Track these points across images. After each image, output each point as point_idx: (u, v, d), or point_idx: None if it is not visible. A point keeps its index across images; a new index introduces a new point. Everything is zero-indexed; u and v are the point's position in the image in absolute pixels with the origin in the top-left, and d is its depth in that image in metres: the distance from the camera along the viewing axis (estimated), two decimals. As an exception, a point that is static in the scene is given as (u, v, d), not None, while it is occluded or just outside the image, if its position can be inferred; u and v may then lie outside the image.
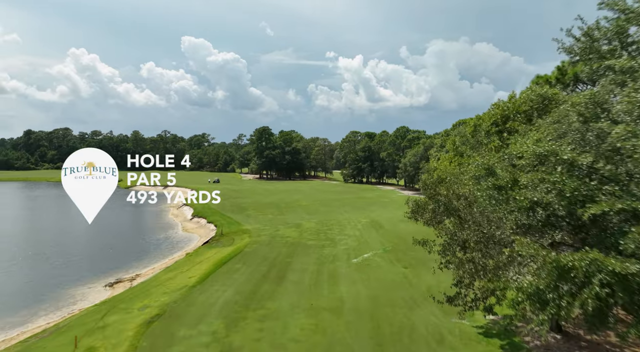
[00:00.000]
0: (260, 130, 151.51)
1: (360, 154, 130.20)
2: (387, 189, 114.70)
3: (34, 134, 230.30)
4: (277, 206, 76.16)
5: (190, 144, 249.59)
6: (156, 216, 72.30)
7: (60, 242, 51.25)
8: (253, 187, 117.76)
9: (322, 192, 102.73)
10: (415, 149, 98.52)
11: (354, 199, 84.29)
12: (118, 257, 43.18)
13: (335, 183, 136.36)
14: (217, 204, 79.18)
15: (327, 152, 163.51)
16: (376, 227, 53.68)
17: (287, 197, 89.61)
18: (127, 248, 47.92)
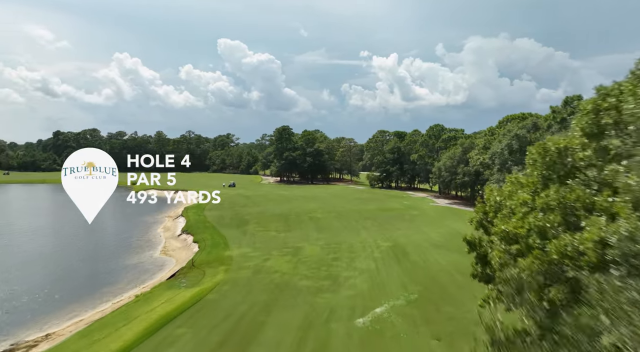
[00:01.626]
0: (280, 130, 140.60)
1: (388, 155, 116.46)
2: (419, 196, 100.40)
3: (62, 135, 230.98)
4: (285, 219, 64.41)
5: (214, 145, 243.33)
6: (145, 229, 62.40)
7: (22, 264, 41.55)
8: (268, 192, 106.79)
9: (343, 199, 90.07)
10: (451, 151, 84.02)
11: (376, 212, 71.09)
12: (55, 299, 32.64)
13: (360, 188, 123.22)
14: (217, 215, 68.73)
15: (353, 154, 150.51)
16: (399, 256, 40.61)
17: (300, 207, 77.70)
18: (82, 279, 37.67)
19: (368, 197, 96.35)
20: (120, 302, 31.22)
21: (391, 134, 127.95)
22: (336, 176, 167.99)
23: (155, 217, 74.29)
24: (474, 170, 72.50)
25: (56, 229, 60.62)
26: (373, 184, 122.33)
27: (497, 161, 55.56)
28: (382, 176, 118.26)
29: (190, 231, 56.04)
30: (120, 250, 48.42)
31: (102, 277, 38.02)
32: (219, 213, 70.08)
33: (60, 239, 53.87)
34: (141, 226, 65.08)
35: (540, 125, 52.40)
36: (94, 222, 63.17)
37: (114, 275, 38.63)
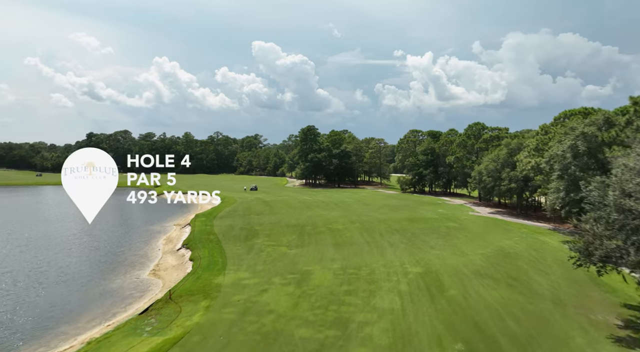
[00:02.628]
0: (305, 130, 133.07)
1: (421, 157, 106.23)
2: (455, 203, 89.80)
3: (95, 137, 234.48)
4: (300, 231, 56.57)
5: (242, 146, 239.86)
6: (147, 240, 56.39)
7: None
8: (289, 197, 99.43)
9: (369, 207, 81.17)
10: (495, 152, 73.24)
11: (406, 223, 61.81)
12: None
13: (390, 193, 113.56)
14: (226, 225, 61.90)
15: (383, 155, 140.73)
16: (433, 289, 31.68)
17: (320, 215, 69.65)
18: (42, 311, 31.29)
19: (398, 203, 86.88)
20: (69, 349, 24.33)
21: (424, 133, 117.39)
22: (365, 179, 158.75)
23: (163, 224, 68.58)
24: (523, 175, 61.79)
25: (51, 239, 55.63)
26: (404, 188, 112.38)
27: (557, 166, 45.16)
28: (414, 179, 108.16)
29: (190, 245, 49.26)
30: (107, 268, 42.17)
31: (67, 309, 31.50)
32: (229, 222, 63.27)
33: (49, 252, 48.49)
34: (144, 236, 59.22)
35: (616, 121, 41.57)
36: (95, 232, 57.89)
37: (83, 305, 32.06)
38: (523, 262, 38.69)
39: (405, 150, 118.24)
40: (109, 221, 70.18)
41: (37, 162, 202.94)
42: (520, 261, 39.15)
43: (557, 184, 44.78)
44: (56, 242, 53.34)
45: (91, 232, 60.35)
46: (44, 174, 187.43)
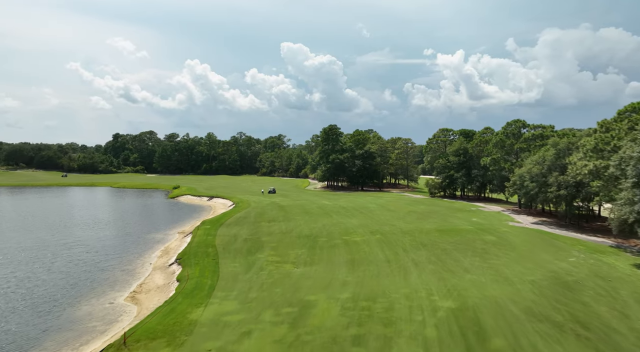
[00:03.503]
0: (327, 130, 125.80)
1: (452, 158, 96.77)
2: (492, 209, 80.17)
3: (120, 137, 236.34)
4: (312, 243, 49.46)
5: (265, 147, 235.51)
6: (142, 251, 50.81)
7: None
8: (307, 202, 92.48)
9: (393, 213, 72.99)
10: (539, 154, 63.50)
11: (435, 234, 53.40)
12: None
13: (418, 197, 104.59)
14: (231, 235, 55.41)
15: (410, 156, 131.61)
16: (470, 335, 23.69)
17: (338, 224, 62.31)
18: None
19: (426, 210, 78.20)
20: None
21: (456, 132, 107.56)
22: (391, 181, 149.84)
23: (166, 232, 63.09)
24: (576, 180, 52.14)
25: (40, 249, 50.91)
26: (433, 192, 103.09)
27: (631, 172, 35.71)
28: (445, 183, 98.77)
29: (184, 259, 43.04)
30: (84, 288, 36.46)
31: (5, 350, 25.59)
32: (235, 231, 56.95)
33: (29, 267, 43.54)
34: (141, 246, 53.69)
35: None
36: (91, 241, 53.05)
37: (30, 343, 26.09)
38: (589, 297, 29.90)
39: (435, 150, 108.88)
40: (111, 227, 65.45)
41: (64, 163, 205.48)
42: (586, 295, 30.34)
43: (631, 193, 35.54)
44: (44, 254, 48.46)
45: (87, 241, 55.49)
46: (70, 175, 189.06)
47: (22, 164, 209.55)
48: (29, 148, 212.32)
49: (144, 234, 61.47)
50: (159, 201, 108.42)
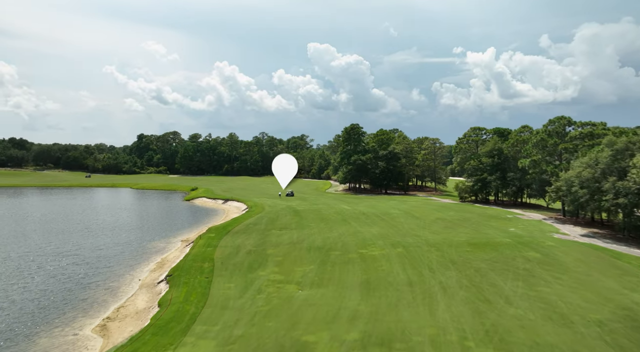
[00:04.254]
0: (348, 129, 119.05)
1: (485, 160, 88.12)
2: (532, 218, 71.40)
3: (145, 138, 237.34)
4: (324, 258, 43.24)
5: (287, 147, 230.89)
6: (134, 263, 46.03)
7: None
8: (326, 206, 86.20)
9: (419, 221, 65.66)
10: (590, 155, 54.69)
11: (467, 249, 45.86)
12: None
13: (446, 202, 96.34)
14: (234, 246, 49.67)
15: (438, 157, 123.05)
16: None
17: (356, 233, 55.80)
18: None
19: (456, 217, 70.34)
20: None
21: (489, 131, 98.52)
22: (417, 184, 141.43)
23: (169, 240, 58.36)
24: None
25: (24, 261, 46.93)
26: (463, 196, 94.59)
27: None
28: (476, 186, 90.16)
29: (175, 276, 37.67)
30: (52, 313, 31.57)
31: None
32: (241, 241, 51.39)
33: (6, 280, 39.31)
34: (137, 256, 48.97)
35: None
36: (84, 250, 48.52)
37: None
38: (685, 351, 22.15)
39: (465, 151, 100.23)
40: (113, 234, 61.27)
41: (89, 164, 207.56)
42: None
43: None
44: (29, 266, 44.34)
45: (82, 249, 51.33)
46: (94, 175, 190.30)
47: (50, 164, 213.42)
48: (56, 149, 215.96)
49: (146, 242, 56.89)
50: (174, 203, 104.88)
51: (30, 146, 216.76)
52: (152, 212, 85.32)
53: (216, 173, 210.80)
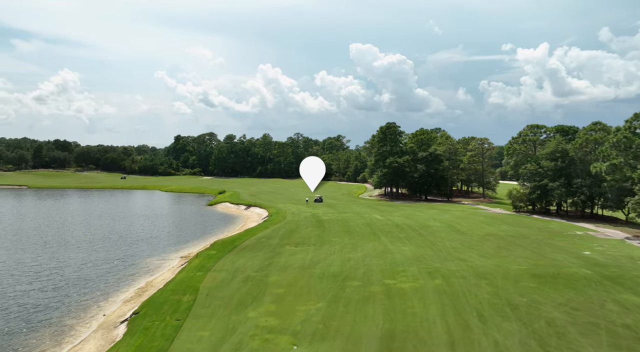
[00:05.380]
0: (384, 129, 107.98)
1: (545, 163, 74.31)
2: (610, 236, 57.54)
3: (181, 139, 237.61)
4: (338, 290, 33.65)
5: (323, 148, 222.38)
6: (109, 291, 38.63)
7: None
8: (355, 215, 76.13)
9: (464, 238, 54.09)
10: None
11: (530, 284, 34.07)
12: None
13: (497, 212, 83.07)
14: (230, 270, 40.63)
15: (486, 159, 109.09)
16: None
17: (384, 254, 45.70)
18: None
19: (510, 232, 57.95)
20: None
21: (550, 129, 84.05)
22: (462, 188, 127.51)
23: (167, 256, 50.90)
24: None
25: (9, 278, 40.80)
26: (518, 206, 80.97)
27: None
28: (534, 194, 76.39)
29: (140, 315, 29.47)
30: None
31: None
32: (242, 261, 42.77)
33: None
34: (123, 279, 41.70)
35: None
36: (67, 269, 42.15)
37: None
38: None
39: (520, 153, 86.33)
40: (110, 247, 54.61)
41: (126, 165, 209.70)
42: None
43: None
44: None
45: (65, 267, 44.77)
46: (130, 177, 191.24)
47: (91, 165, 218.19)
48: (96, 150, 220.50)
49: (142, 258, 49.68)
50: (196, 208, 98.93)
51: (73, 148, 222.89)
52: (166, 220, 79.18)
53: (249, 175, 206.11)
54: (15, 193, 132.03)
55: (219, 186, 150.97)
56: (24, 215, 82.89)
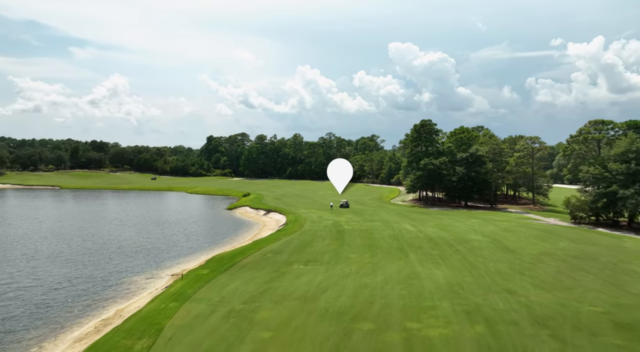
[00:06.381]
0: (418, 127, 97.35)
1: (614, 166, 61.70)
2: None
3: (214, 140, 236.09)
4: (342, 338, 25.40)
5: (356, 148, 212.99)
6: (74, 320, 32.16)
7: None
8: (383, 224, 66.94)
9: (512, 258, 43.65)
10: None
11: (619, 343, 23.89)
12: None
13: (552, 224, 70.89)
14: (206, 303, 32.12)
15: (536, 160, 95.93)
16: None
17: (410, 278, 36.91)
18: None
19: (572, 251, 46.76)
20: None
21: (619, 126, 70.69)
22: (508, 193, 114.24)
23: (156, 273, 44.35)
24: None
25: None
26: (578, 216, 68.44)
27: None
28: (600, 203, 63.79)
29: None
30: None
31: None
32: (233, 287, 35.21)
33: None
34: (90, 304, 35.40)
35: None
36: (39, 288, 33.48)
37: None
38: None
39: (579, 154, 73.44)
40: (102, 261, 48.73)
41: (158, 166, 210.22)
42: None
43: None
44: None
45: (35, 288, 39.05)
46: (161, 178, 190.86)
47: (126, 166, 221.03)
48: (130, 151, 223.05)
49: (130, 274, 43.38)
50: (214, 213, 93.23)
51: (108, 149, 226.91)
52: (177, 228, 73.48)
53: (279, 176, 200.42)
54: (43, 194, 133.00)
55: (246, 187, 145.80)
56: (37, 219, 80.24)
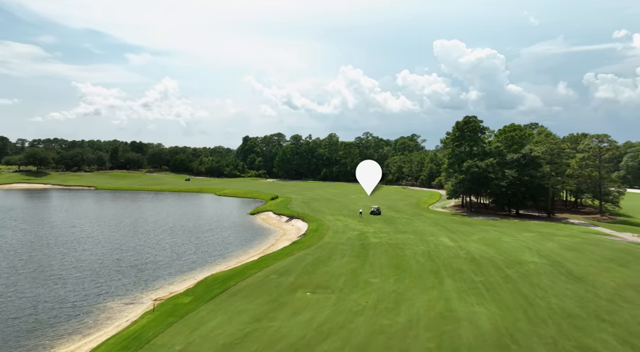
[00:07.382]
0: (460, 125, 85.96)
1: None
2: None
3: (249, 140, 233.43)
4: None
5: (395, 149, 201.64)
6: (35, 345, 25.90)
7: None
8: (416, 237, 57.40)
9: (581, 289, 33.09)
10: None
11: None
12: None
13: (630, 241, 57.98)
14: (178, 344, 26.64)
15: (604, 162, 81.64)
16: None
17: (445, 316, 28.03)
18: None
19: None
20: None
21: None
22: (569, 199, 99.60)
23: (138, 297, 37.88)
24: None
25: None
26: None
27: None
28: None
29: None
30: None
31: None
32: (207, 329, 27.65)
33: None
34: (33, 347, 29.05)
35: None
36: None
37: None
38: None
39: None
40: (88, 280, 43.24)
41: (194, 167, 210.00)
42: None
43: None
44: None
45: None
46: (195, 178, 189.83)
47: (164, 166, 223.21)
48: (166, 151, 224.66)
49: (107, 298, 37.13)
50: (234, 218, 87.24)
51: (146, 149, 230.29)
52: (189, 236, 67.76)
53: (314, 178, 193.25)
54: (77, 194, 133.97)
55: (277, 190, 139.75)
56: (47, 222, 77.81)
